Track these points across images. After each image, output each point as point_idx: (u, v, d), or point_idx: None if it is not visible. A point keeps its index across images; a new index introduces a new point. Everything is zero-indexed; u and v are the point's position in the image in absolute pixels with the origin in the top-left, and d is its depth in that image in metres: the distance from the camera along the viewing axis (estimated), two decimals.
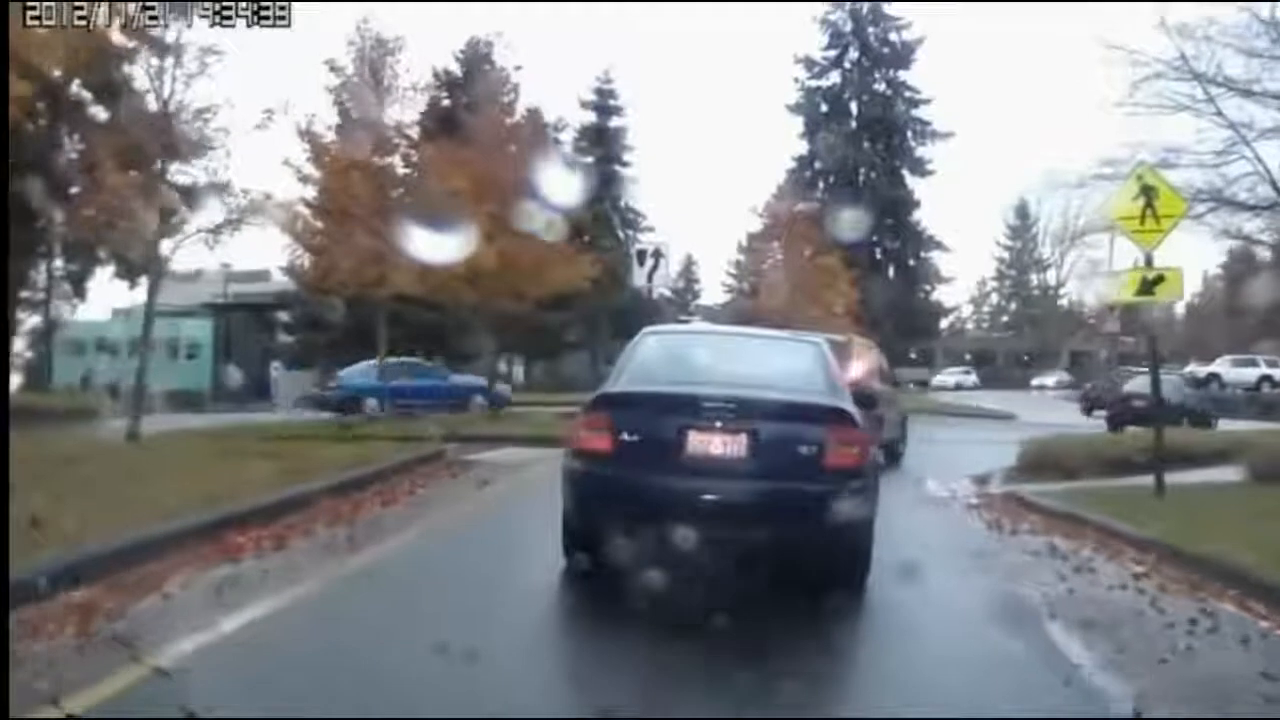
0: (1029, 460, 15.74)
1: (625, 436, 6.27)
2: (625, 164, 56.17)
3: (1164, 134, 16.11)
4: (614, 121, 56.43)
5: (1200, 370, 51.42)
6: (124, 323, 53.65)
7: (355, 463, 11.18)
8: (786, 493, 6.19)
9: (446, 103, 32.29)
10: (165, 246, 25.37)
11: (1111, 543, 8.95)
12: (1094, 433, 20.29)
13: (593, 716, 3.96)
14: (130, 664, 4.18)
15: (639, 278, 20.33)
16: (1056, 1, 51.83)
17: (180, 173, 28.07)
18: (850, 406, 6.65)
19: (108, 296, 61.13)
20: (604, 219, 49.90)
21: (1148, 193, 10.85)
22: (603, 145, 55.66)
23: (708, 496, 6.19)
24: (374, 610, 5.82)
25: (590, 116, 55.93)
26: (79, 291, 40.24)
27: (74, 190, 21.37)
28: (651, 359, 7.28)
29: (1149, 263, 11.01)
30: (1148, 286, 10.93)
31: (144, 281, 38.73)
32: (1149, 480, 11.70)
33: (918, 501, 12.12)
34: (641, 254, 20.55)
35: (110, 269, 40.22)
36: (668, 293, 72.85)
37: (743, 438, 6.22)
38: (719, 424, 6.24)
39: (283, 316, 48.06)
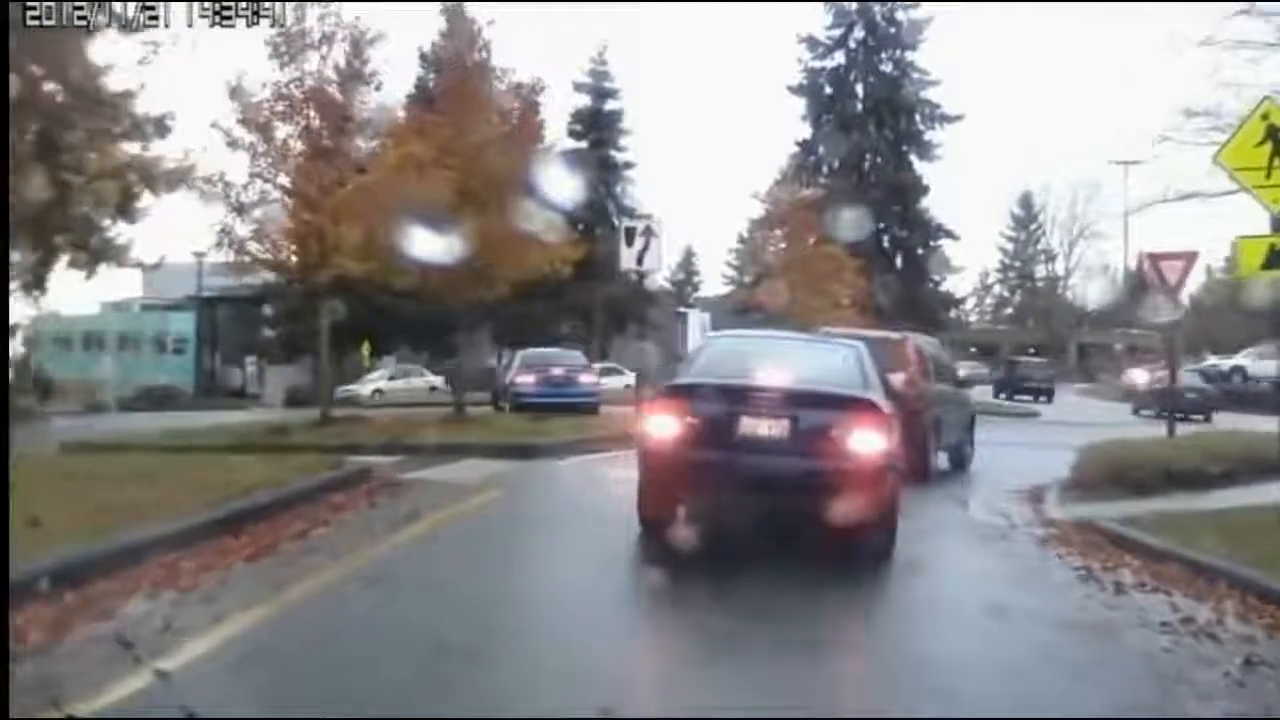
0: (1087, 471, 13.20)
1: (687, 420, 7.41)
2: (621, 149, 53.65)
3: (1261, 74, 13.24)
4: (609, 105, 53.85)
5: (1222, 363, 49.17)
6: (114, 316, 52.00)
7: (252, 488, 8.62)
8: (820, 468, 7.29)
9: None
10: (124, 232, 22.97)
11: (1266, 609, 6.41)
12: (1151, 436, 17.80)
13: (593, 716, 3.74)
14: None
15: (627, 259, 17.76)
16: None
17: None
18: (877, 397, 7.81)
19: (70, 290, 58.60)
20: (599, 206, 47.41)
21: (1276, 136, 8.27)
22: (597, 129, 53.16)
23: (754, 470, 7.19)
24: None
25: (584, 100, 53.35)
26: (39, 284, 37.91)
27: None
28: (713, 356, 8.79)
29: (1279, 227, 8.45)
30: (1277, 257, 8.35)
31: (102, 272, 36.25)
32: (1241, 497, 9.68)
33: (970, 534, 9.61)
34: (630, 232, 17.98)
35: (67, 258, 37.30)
36: (665, 283, 70.90)
37: (784, 422, 7.39)
38: (765, 411, 7.39)
39: (267, 310, 45.83)
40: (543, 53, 51.65)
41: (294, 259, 16.28)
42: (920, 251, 54.52)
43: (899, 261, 54.03)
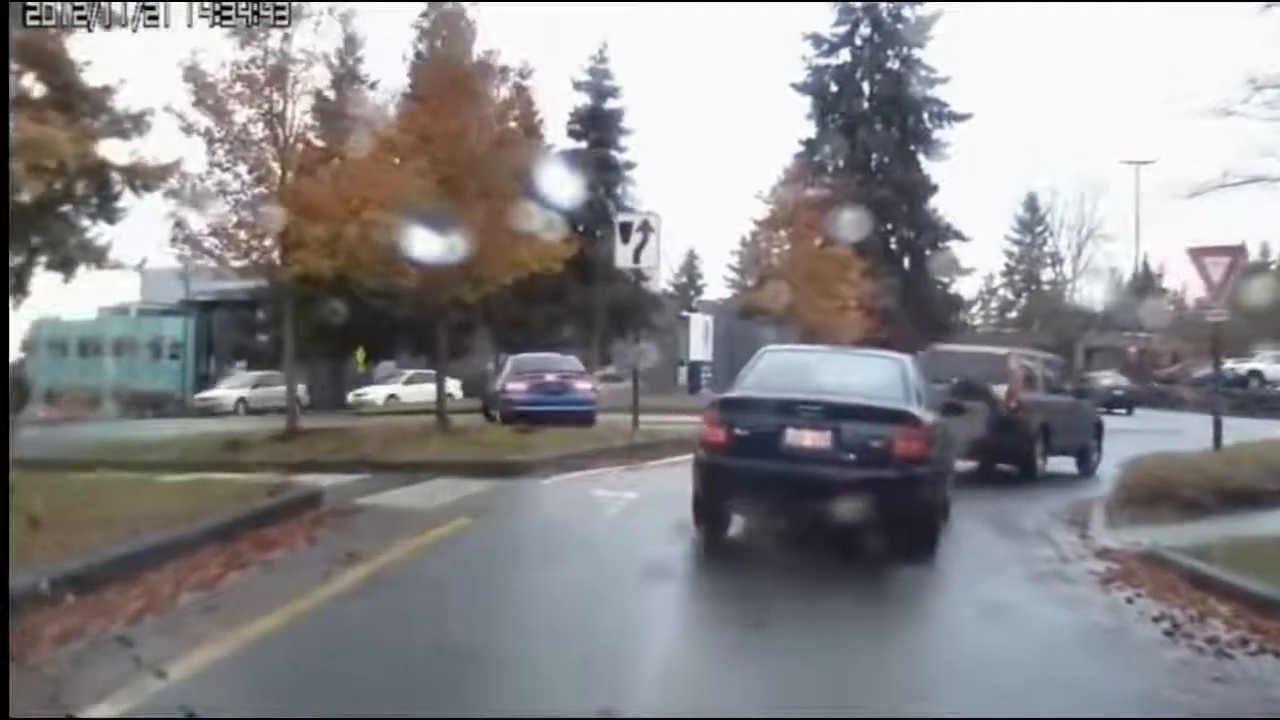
0: (1131, 489, 11.81)
1: (737, 431, 8.02)
2: (621, 149, 52.26)
3: None
4: (609, 104, 52.51)
5: (1238, 366, 47.78)
6: (110, 320, 50.91)
7: (178, 518, 7.24)
8: (862, 476, 7.71)
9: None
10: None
11: None
12: (1195, 450, 16.42)
13: (593, 716, 3.74)
14: None
15: (623, 257, 16.37)
16: None
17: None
18: (917, 409, 8.17)
19: (70, 295, 58.12)
20: (599, 207, 46.03)
21: None
22: (597, 129, 51.85)
23: (798, 479, 7.74)
24: None
25: (584, 99, 52.02)
26: (20, 287, 36.76)
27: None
28: (765, 370, 8.99)
29: None
30: None
31: (81, 274, 34.90)
32: None
33: (1020, 570, 8.19)
34: (625, 228, 16.59)
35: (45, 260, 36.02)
36: (668, 286, 69.52)
37: (827, 433, 7.87)
38: (808, 422, 7.89)
39: (260, 314, 44.69)
40: (542, 51, 50.24)
41: (254, 256, 14.84)
42: (928, 253, 53.19)
43: (906, 263, 52.76)
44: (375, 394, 38.60)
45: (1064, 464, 14.91)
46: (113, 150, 25.78)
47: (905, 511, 7.75)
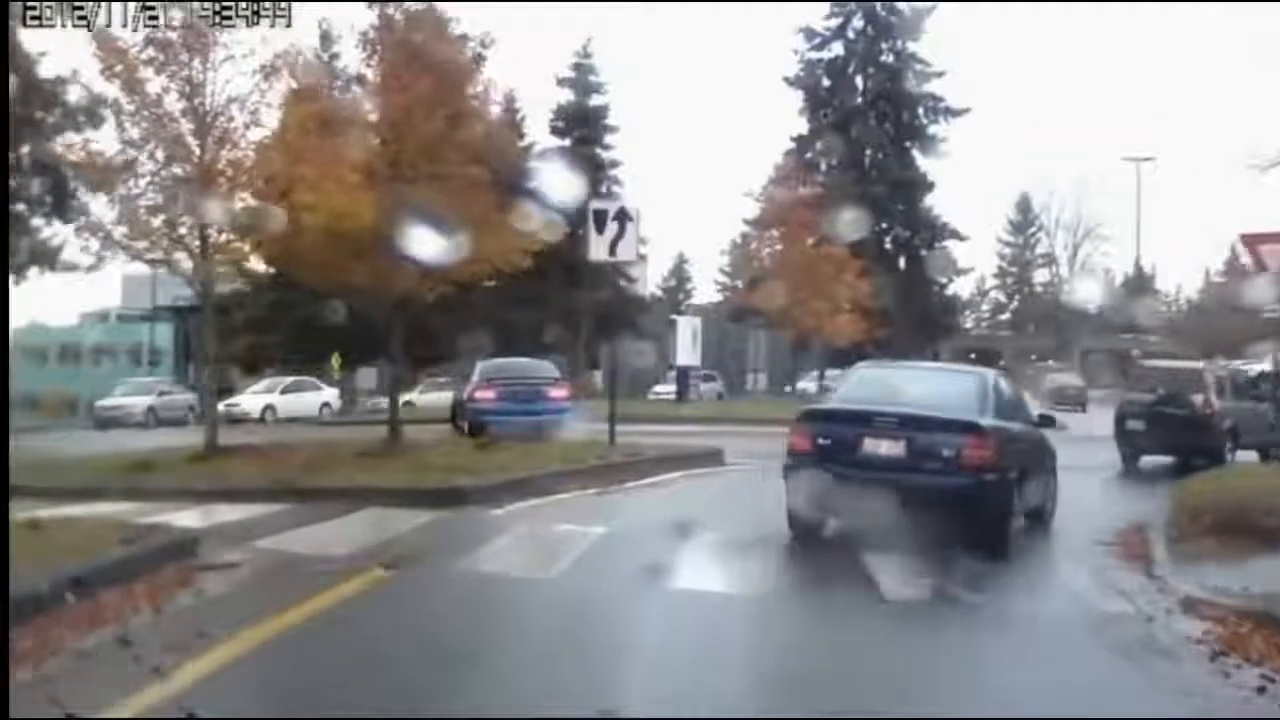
0: (1197, 514, 10.00)
1: (820, 440, 8.72)
2: (606, 146, 50.62)
3: None
4: (594, 100, 50.86)
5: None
6: (90, 328, 49.31)
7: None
8: (932, 483, 8.33)
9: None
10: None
11: None
12: (1260, 466, 14.74)
13: (593, 716, 3.69)
14: None
15: (598, 248, 14.44)
16: None
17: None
18: (986, 421, 8.74)
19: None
20: (583, 207, 44.13)
21: None
22: (581, 126, 50.19)
23: (874, 485, 8.18)
24: None
25: (567, 94, 50.47)
26: None
27: None
28: (854, 383, 9.95)
29: None
30: None
31: (31, 277, 32.77)
32: None
33: (1087, 628, 6.31)
34: (600, 216, 14.67)
35: None
36: (656, 290, 67.70)
37: (902, 443, 8.46)
38: (884, 432, 8.51)
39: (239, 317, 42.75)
40: (525, 46, 48.44)
41: (165, 246, 12.85)
42: (925, 253, 51.47)
43: (902, 263, 51.09)
44: (249, 404, 34.60)
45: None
46: (67, 146, 23.82)
47: (975, 516, 8.27)
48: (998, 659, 5.88)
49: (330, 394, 37.39)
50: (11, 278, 35.02)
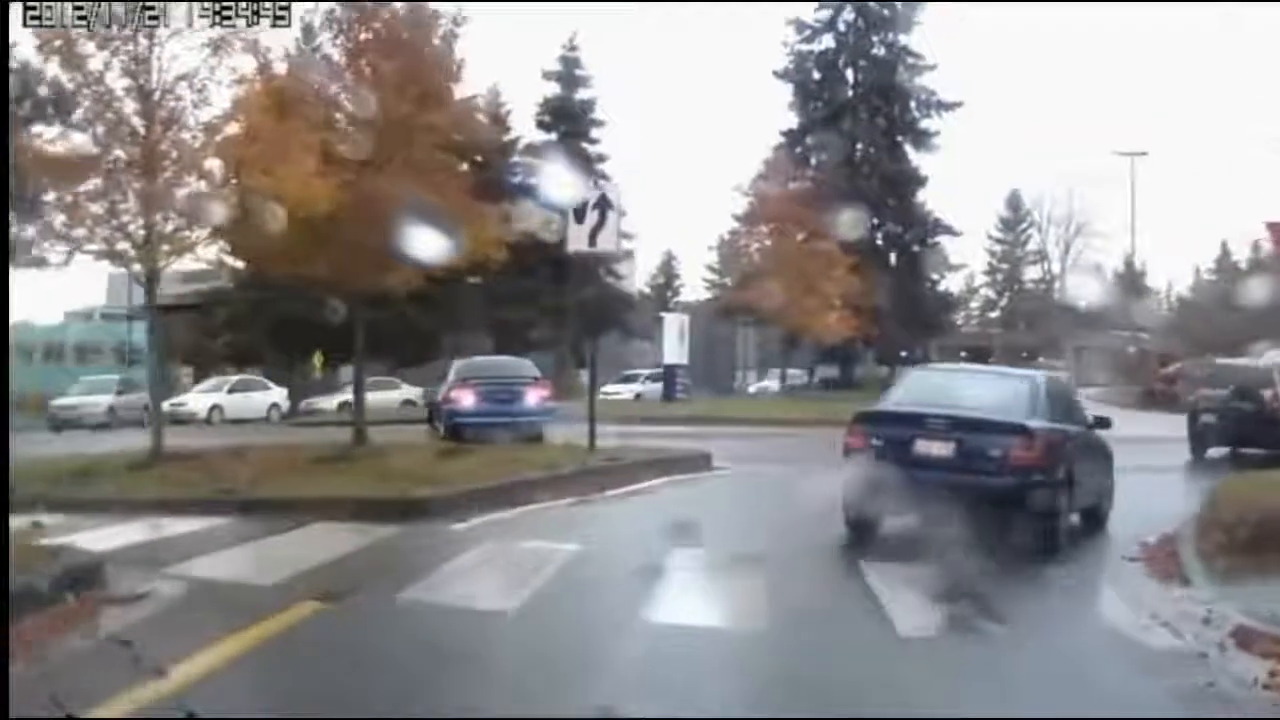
0: (1229, 527, 9.09)
1: (874, 441, 9.05)
2: (593, 141, 49.76)
3: None
4: (580, 94, 50.03)
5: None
6: (74, 326, 48.33)
7: None
8: (982, 483, 8.57)
9: None
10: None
11: None
12: None
13: (593, 716, 3.66)
14: None
15: (577, 238, 13.51)
16: None
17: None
18: (1034, 423, 8.91)
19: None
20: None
21: None
22: (567, 121, 49.35)
23: (925, 484, 8.43)
24: None
25: (553, 88, 49.65)
26: None
27: None
28: (909, 386, 10.54)
29: None
30: None
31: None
32: None
33: (1142, 670, 5.41)
34: (580, 206, 13.73)
35: None
36: (644, 287, 66.79)
37: (951, 443, 8.77)
38: (935, 433, 8.81)
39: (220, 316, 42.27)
40: (511, 39, 47.59)
41: (104, 235, 11.84)
42: (917, 249, 50.74)
43: (894, 259, 50.31)
44: (196, 404, 33.24)
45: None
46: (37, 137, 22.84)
47: (1022, 516, 8.44)
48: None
49: (279, 394, 36.24)
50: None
